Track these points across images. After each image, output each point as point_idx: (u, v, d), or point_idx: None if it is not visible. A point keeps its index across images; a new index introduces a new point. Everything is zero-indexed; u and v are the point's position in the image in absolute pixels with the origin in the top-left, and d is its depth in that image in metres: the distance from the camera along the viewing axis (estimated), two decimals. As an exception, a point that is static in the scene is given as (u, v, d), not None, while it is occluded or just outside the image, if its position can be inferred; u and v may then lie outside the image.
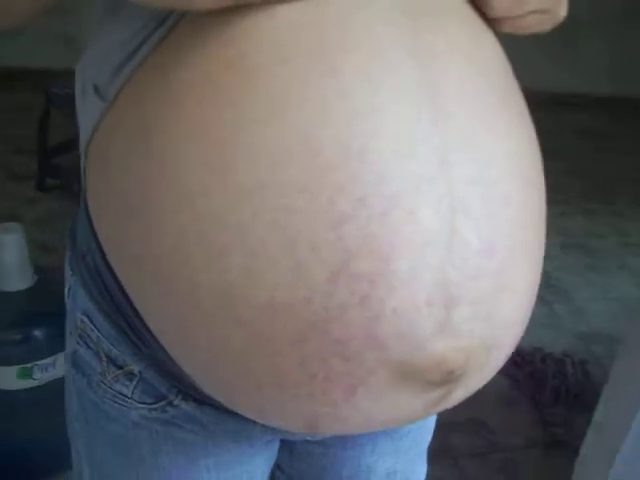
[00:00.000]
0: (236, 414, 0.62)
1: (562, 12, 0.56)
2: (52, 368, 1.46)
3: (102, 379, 0.63)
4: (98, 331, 0.62)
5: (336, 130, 0.44)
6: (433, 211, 0.45)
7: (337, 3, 0.47)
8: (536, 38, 0.57)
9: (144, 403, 0.63)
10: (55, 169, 2.96)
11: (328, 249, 0.43)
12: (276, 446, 0.77)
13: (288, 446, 0.79)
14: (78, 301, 0.64)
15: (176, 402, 0.63)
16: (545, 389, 2.11)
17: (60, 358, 1.46)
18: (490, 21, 0.55)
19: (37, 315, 1.46)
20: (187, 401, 0.63)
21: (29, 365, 1.43)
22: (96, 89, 0.57)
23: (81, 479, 0.75)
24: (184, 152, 0.47)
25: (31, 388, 1.46)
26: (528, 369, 2.17)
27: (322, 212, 0.43)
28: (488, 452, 1.93)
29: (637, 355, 1.04)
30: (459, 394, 0.53)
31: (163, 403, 0.63)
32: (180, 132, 0.47)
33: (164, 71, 0.50)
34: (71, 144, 2.83)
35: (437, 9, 0.51)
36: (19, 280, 1.45)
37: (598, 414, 1.14)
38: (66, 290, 0.66)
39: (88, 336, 0.63)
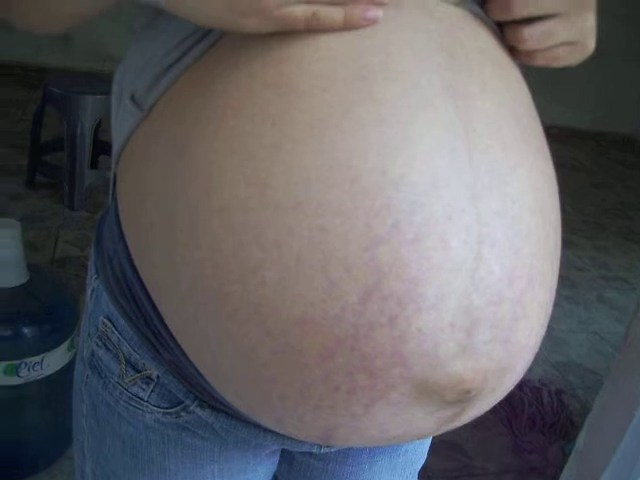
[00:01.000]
0: (249, 423, 0.64)
1: (591, 44, 0.59)
2: (39, 367, 1.46)
3: (119, 381, 0.64)
4: (120, 334, 0.63)
5: (373, 158, 0.46)
6: (461, 241, 0.47)
7: (377, 35, 0.50)
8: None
9: (159, 407, 0.64)
10: (46, 166, 2.94)
11: (361, 270, 0.45)
12: (277, 458, 0.78)
13: (288, 458, 0.80)
14: (101, 304, 0.64)
15: (192, 408, 0.64)
16: (521, 416, 2.14)
17: (48, 357, 1.46)
18: (519, 54, 0.57)
19: (28, 313, 1.45)
20: (203, 408, 0.64)
21: (16, 362, 1.42)
22: (133, 98, 0.58)
23: (83, 476, 0.75)
24: (223, 166, 0.48)
25: (15, 386, 1.46)
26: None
27: (357, 234, 0.45)
28: (462, 475, 1.95)
29: (621, 385, 1.07)
30: (471, 414, 0.55)
31: (178, 408, 0.64)
32: (220, 146, 0.49)
33: (205, 85, 0.52)
34: (63, 142, 2.82)
35: (472, 46, 0.54)
36: (13, 276, 1.44)
37: (580, 442, 1.16)
38: (88, 292, 0.67)
39: (108, 339, 0.64)
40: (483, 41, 0.55)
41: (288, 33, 0.49)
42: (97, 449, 0.72)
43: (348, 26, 0.49)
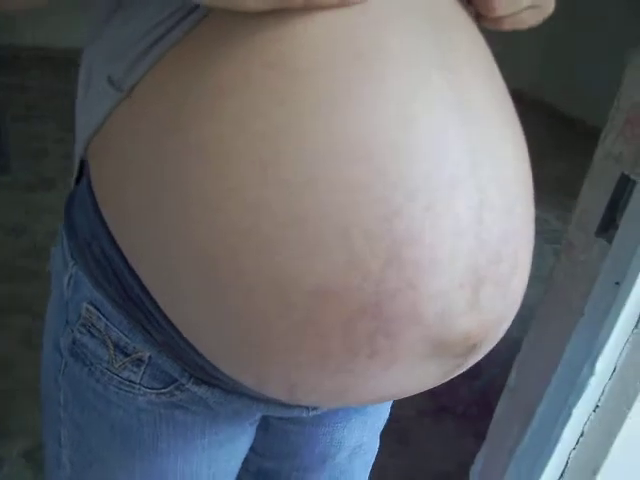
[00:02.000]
0: (243, 394, 0.64)
1: (552, 6, 0.62)
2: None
3: (108, 367, 0.64)
4: (107, 319, 0.62)
5: (384, 134, 0.48)
6: (466, 206, 0.50)
7: (368, 12, 0.51)
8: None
9: (153, 388, 0.65)
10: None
11: (381, 239, 0.48)
12: (256, 425, 0.80)
13: (263, 425, 0.82)
14: (82, 290, 0.63)
15: (188, 385, 0.64)
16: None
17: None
18: (487, 21, 0.59)
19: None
20: (199, 384, 0.64)
21: None
22: (110, 80, 0.57)
23: (59, 467, 0.75)
24: (230, 148, 0.48)
25: None
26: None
27: (376, 206, 0.47)
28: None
29: (549, 326, 1.14)
30: (471, 362, 0.59)
31: (172, 387, 0.65)
32: (223, 129, 0.49)
33: (197, 66, 0.52)
34: None
35: (453, 20, 0.56)
36: None
37: (511, 380, 1.23)
38: (65, 280, 0.65)
39: (93, 325, 0.63)
40: (460, 13, 0.57)
41: (280, 14, 0.49)
42: (78, 437, 0.71)
43: (342, 4, 0.50)
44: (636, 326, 0.98)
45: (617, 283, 0.96)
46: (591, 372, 1.03)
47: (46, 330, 0.71)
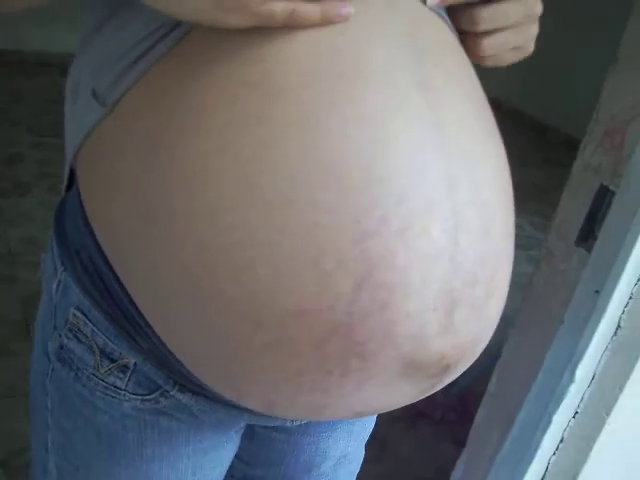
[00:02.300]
0: (227, 404, 0.65)
1: (532, 47, 0.64)
2: None
3: (94, 372, 0.64)
4: (94, 326, 0.63)
5: (357, 156, 0.48)
6: (441, 229, 0.50)
7: (348, 32, 0.51)
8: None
9: (137, 395, 0.65)
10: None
11: (353, 262, 0.48)
12: (241, 433, 0.80)
13: (249, 433, 0.82)
14: (70, 296, 0.64)
15: (172, 393, 0.65)
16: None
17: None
18: (471, 55, 0.61)
19: None
20: (183, 392, 0.65)
21: None
22: (94, 94, 0.57)
23: (46, 473, 0.75)
24: (209, 167, 0.49)
25: None
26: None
27: (348, 229, 0.48)
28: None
29: (529, 333, 1.16)
30: (446, 381, 0.59)
31: (157, 394, 0.65)
32: (205, 147, 0.49)
33: (179, 83, 0.52)
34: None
35: (435, 41, 0.57)
36: None
37: (492, 387, 1.25)
38: (54, 286, 0.65)
39: (80, 331, 0.64)
40: (443, 34, 0.58)
41: (263, 30, 0.50)
42: (64, 443, 0.71)
43: (324, 22, 0.51)
44: (615, 334, 1.00)
45: (596, 292, 0.98)
46: (571, 379, 1.05)
47: (36, 335, 0.72)
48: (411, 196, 0.49)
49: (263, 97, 0.49)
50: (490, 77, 0.63)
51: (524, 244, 3.21)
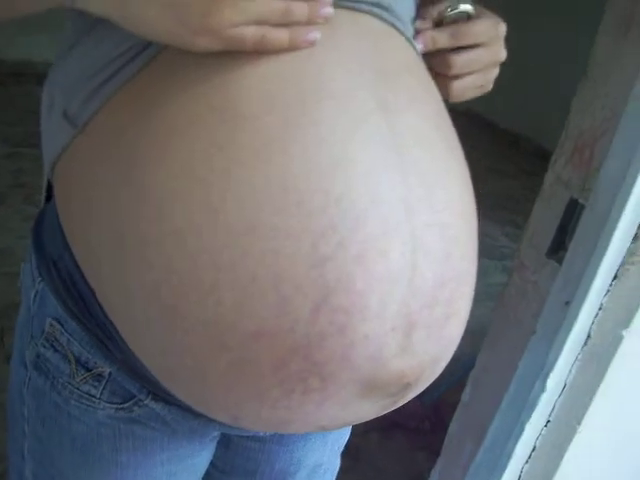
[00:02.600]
0: (200, 414, 0.66)
1: (491, 86, 0.68)
2: None
3: (70, 381, 0.65)
4: (70, 335, 0.64)
5: (316, 179, 0.49)
6: (399, 252, 0.51)
7: (312, 57, 0.52)
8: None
9: (112, 403, 0.66)
10: None
11: (310, 286, 0.49)
12: (216, 441, 0.81)
13: (224, 441, 0.83)
14: (47, 306, 0.65)
15: (146, 402, 0.66)
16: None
17: None
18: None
19: None
20: (156, 401, 0.66)
21: None
22: (65, 114, 0.58)
23: (22, 479, 0.75)
24: (174, 191, 0.50)
25: None
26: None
27: (305, 254, 0.49)
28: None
29: (501, 341, 1.17)
30: (408, 397, 0.61)
31: (131, 403, 0.66)
32: (169, 171, 0.50)
33: (147, 106, 0.53)
34: None
35: (398, 63, 0.58)
36: None
37: (465, 396, 1.26)
38: (32, 295, 0.66)
39: (56, 340, 0.65)
40: (406, 56, 0.60)
41: (229, 55, 0.51)
42: (41, 450, 0.72)
43: (292, 48, 0.52)
44: (585, 344, 1.02)
45: (567, 303, 1.00)
46: (542, 388, 1.06)
47: (15, 344, 0.72)
48: (369, 219, 0.50)
49: (228, 122, 0.50)
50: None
51: (498, 254, 3.24)
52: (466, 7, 0.64)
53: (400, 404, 0.61)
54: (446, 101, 0.65)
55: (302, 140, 0.50)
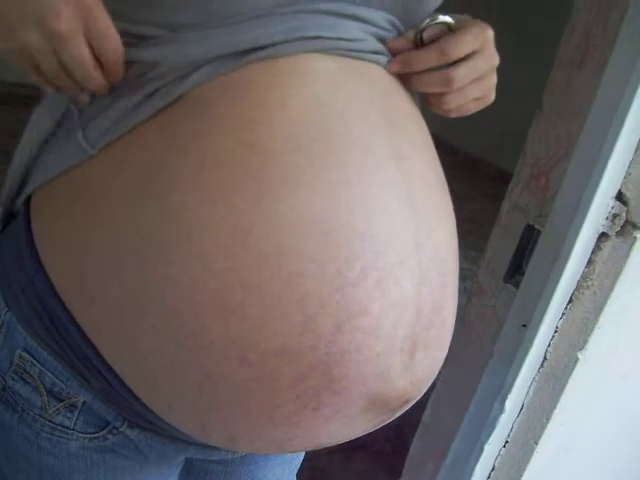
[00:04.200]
0: (176, 439, 0.66)
1: (493, 96, 0.69)
2: None
3: (41, 413, 0.65)
4: (42, 366, 0.63)
5: (342, 214, 0.53)
6: (409, 281, 0.56)
7: (331, 103, 0.56)
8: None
9: (86, 433, 0.66)
10: None
11: (335, 307, 0.53)
12: (181, 467, 0.81)
13: (187, 466, 0.84)
14: (15, 337, 0.64)
15: (121, 429, 0.66)
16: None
17: None
18: (435, 108, 0.67)
19: None
20: (132, 428, 0.66)
21: None
22: (84, 136, 0.59)
23: None
24: (204, 215, 0.52)
25: None
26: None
27: (331, 278, 0.53)
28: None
29: (462, 360, 1.19)
30: (399, 414, 0.64)
31: (105, 431, 0.66)
32: (201, 198, 0.53)
33: (176, 137, 0.55)
34: None
35: (401, 110, 0.62)
36: None
37: (426, 418, 1.28)
38: None
39: (26, 372, 0.64)
40: (407, 104, 0.64)
41: (258, 98, 0.55)
42: None
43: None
44: (542, 366, 1.05)
45: (524, 326, 1.03)
46: (501, 409, 1.09)
47: None
48: (387, 251, 0.55)
49: (257, 157, 0.53)
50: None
51: (460, 276, 3.26)
52: (445, 18, 0.63)
53: (389, 420, 0.65)
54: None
55: (328, 178, 0.54)
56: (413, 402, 0.64)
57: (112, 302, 0.57)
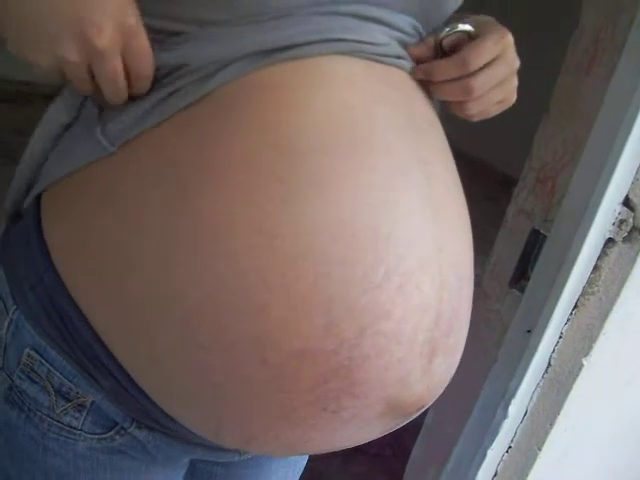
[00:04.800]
0: (183, 440, 0.66)
1: (514, 98, 0.69)
2: None
3: (49, 413, 0.64)
4: (50, 365, 0.62)
5: (368, 217, 0.53)
6: (431, 286, 0.56)
7: (357, 107, 0.56)
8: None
9: (94, 434, 0.65)
10: None
11: (360, 310, 0.52)
12: (185, 469, 0.81)
13: (190, 469, 0.83)
14: (24, 336, 0.63)
15: (130, 430, 0.65)
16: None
17: None
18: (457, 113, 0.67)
19: None
20: (140, 429, 0.66)
21: None
22: (104, 131, 0.57)
23: None
24: (231, 216, 0.52)
25: None
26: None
27: (358, 281, 0.52)
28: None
29: (465, 370, 1.19)
30: (411, 419, 0.64)
31: (113, 432, 0.65)
32: (228, 198, 0.52)
33: (201, 137, 0.55)
34: None
35: (423, 116, 0.62)
36: None
37: (428, 422, 1.27)
38: (5, 324, 0.64)
39: (34, 371, 0.63)
40: (427, 108, 0.64)
41: (283, 99, 0.54)
42: None
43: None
44: (546, 371, 1.04)
45: (528, 331, 1.02)
46: (504, 415, 1.08)
47: None
48: (410, 255, 0.54)
49: (284, 158, 0.53)
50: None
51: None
52: (465, 27, 0.63)
53: (402, 424, 0.64)
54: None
55: (354, 182, 0.53)
56: (426, 408, 0.63)
57: (129, 301, 0.56)
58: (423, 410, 0.63)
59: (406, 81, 0.62)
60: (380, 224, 0.54)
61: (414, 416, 0.62)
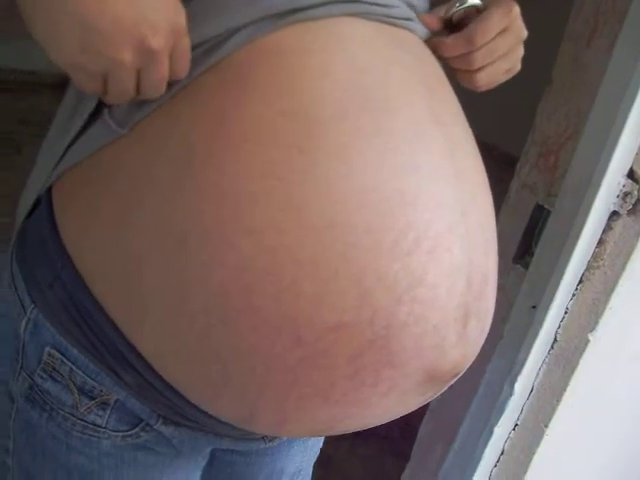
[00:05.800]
0: (209, 432, 0.64)
1: (519, 66, 0.69)
2: None
3: (72, 412, 0.62)
4: (72, 364, 0.61)
5: (394, 182, 0.52)
6: (459, 248, 0.55)
7: (372, 70, 0.55)
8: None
9: (118, 431, 0.64)
10: None
11: (393, 278, 0.51)
12: (206, 460, 0.80)
13: (209, 458, 0.82)
14: (43, 335, 0.61)
15: (156, 426, 0.64)
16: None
17: None
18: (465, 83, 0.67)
19: None
20: (167, 424, 0.64)
21: None
22: (111, 114, 0.56)
23: None
24: (253, 192, 0.50)
25: None
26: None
27: (388, 249, 0.51)
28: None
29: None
30: (444, 389, 0.63)
31: (138, 429, 0.64)
32: (248, 173, 0.50)
33: (214, 110, 0.53)
34: None
35: (436, 77, 0.61)
36: None
37: (434, 402, 1.27)
38: (22, 324, 0.62)
39: (55, 370, 0.61)
40: (439, 71, 0.63)
41: (295, 65, 0.53)
42: None
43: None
44: (552, 347, 1.03)
45: (533, 307, 1.01)
46: (510, 392, 1.07)
47: None
48: (436, 218, 0.53)
49: (301, 127, 0.51)
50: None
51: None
52: (474, 1, 0.64)
53: (435, 396, 0.63)
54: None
55: (376, 147, 0.52)
56: (461, 375, 0.62)
57: (151, 290, 0.54)
58: (458, 377, 0.62)
59: (417, 43, 0.62)
60: (406, 189, 0.52)
61: (449, 384, 0.62)
